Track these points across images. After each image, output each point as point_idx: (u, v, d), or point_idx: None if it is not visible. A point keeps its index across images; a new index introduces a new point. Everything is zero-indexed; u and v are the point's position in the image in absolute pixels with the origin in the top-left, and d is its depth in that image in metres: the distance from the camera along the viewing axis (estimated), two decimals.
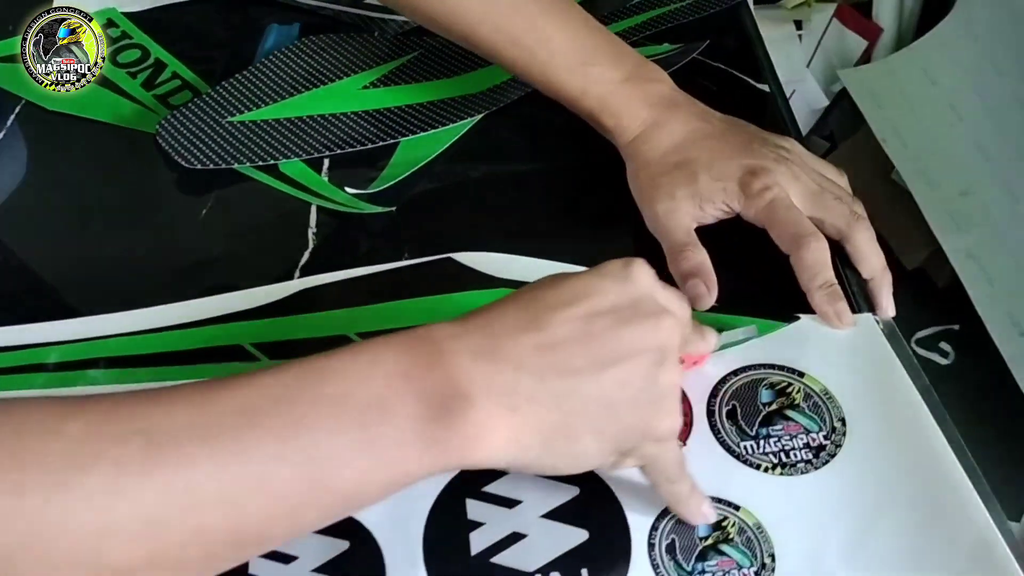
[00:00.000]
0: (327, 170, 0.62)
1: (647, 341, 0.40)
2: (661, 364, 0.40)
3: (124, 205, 0.62)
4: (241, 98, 0.66)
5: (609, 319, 0.40)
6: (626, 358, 0.39)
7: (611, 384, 0.39)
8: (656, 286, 0.42)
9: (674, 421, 0.41)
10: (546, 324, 0.39)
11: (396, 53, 0.70)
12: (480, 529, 0.43)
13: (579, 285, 0.41)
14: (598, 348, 0.39)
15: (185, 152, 0.62)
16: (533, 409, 0.38)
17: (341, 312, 0.53)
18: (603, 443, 0.40)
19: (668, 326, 0.41)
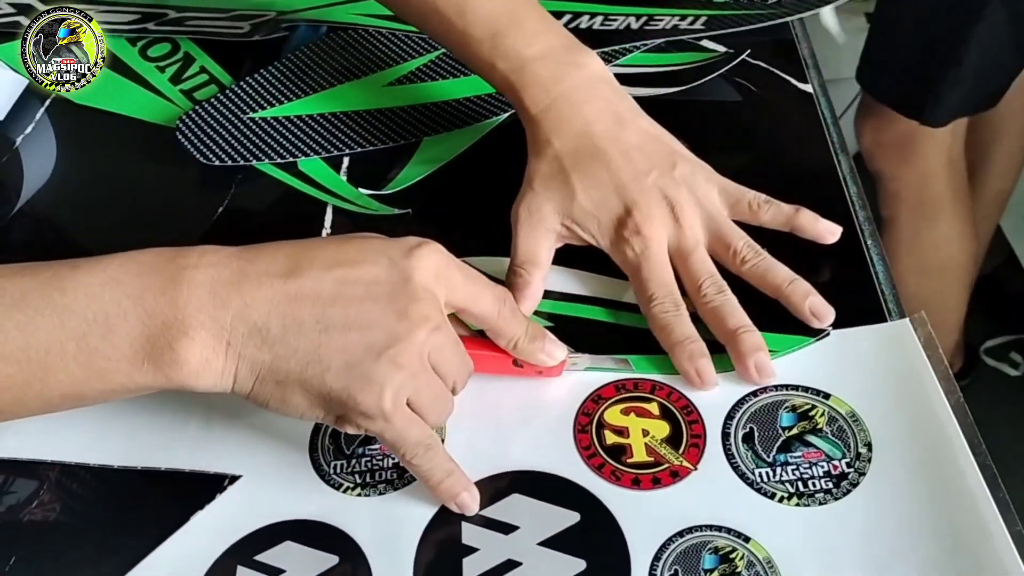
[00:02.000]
0: (346, 169, 0.61)
1: (385, 322, 0.41)
2: (390, 348, 0.40)
3: (146, 201, 0.62)
4: (264, 94, 0.65)
5: (362, 289, 0.41)
6: (356, 329, 0.40)
7: (330, 347, 0.40)
8: (432, 279, 0.42)
9: (381, 402, 0.40)
10: (301, 275, 0.41)
11: (421, 50, 0.68)
12: (475, 555, 0.41)
13: (355, 250, 0.42)
14: (335, 311, 0.41)
15: (204, 149, 0.61)
16: (248, 349, 0.40)
17: None
18: (311, 398, 0.41)
19: (416, 318, 0.41)
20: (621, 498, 0.43)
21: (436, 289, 0.42)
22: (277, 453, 0.46)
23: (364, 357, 0.40)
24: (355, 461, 0.45)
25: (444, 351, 0.43)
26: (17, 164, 0.65)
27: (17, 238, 0.61)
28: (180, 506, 0.44)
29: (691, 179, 0.51)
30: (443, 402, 0.43)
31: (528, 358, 0.46)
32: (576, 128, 0.51)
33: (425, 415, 0.43)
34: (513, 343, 0.46)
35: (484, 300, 0.45)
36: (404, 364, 0.41)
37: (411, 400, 0.42)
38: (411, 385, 0.41)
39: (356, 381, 0.40)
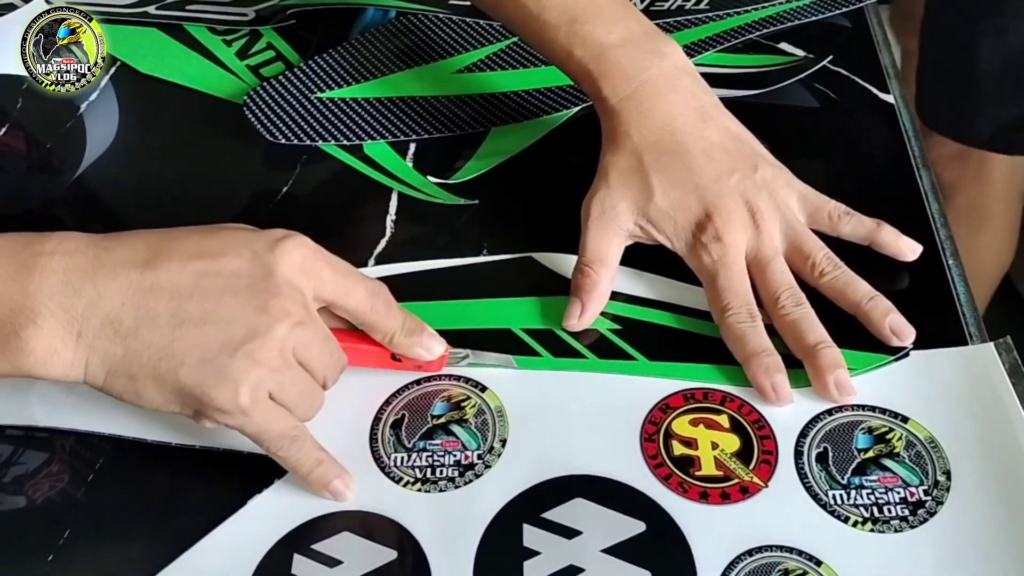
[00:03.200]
0: (412, 155, 0.60)
1: (243, 317, 0.40)
2: (247, 344, 0.39)
3: (207, 175, 0.61)
4: (332, 74, 0.64)
5: (221, 282, 0.40)
6: (212, 323, 0.40)
7: (185, 342, 0.39)
8: (297, 273, 0.41)
9: (236, 398, 0.39)
10: (159, 266, 0.40)
11: (493, 38, 0.67)
12: (536, 558, 0.40)
13: (218, 241, 0.41)
14: (191, 304, 0.40)
15: (271, 126, 0.60)
16: (100, 341, 0.39)
17: (413, 305, 0.50)
18: (165, 393, 0.40)
19: (276, 313, 0.40)
20: (688, 511, 0.41)
21: (302, 283, 0.42)
22: (337, 441, 0.45)
23: (220, 353, 0.39)
24: (415, 455, 0.44)
25: (311, 346, 0.42)
26: (80, 130, 0.65)
27: (76, 204, 0.61)
28: (238, 488, 0.44)
29: (772, 184, 0.49)
30: (310, 396, 0.43)
31: (405, 353, 0.46)
32: (657, 122, 0.49)
33: (291, 409, 0.42)
34: (389, 338, 0.45)
35: (355, 295, 0.44)
36: (262, 360, 0.40)
37: (274, 395, 0.41)
38: (272, 380, 0.41)
39: (210, 377, 0.39)
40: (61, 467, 0.45)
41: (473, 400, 0.46)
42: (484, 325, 0.50)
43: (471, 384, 0.47)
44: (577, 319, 0.48)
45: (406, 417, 0.46)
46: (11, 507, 0.44)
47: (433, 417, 0.46)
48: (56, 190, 0.61)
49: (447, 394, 0.47)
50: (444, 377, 0.47)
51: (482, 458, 0.44)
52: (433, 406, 0.46)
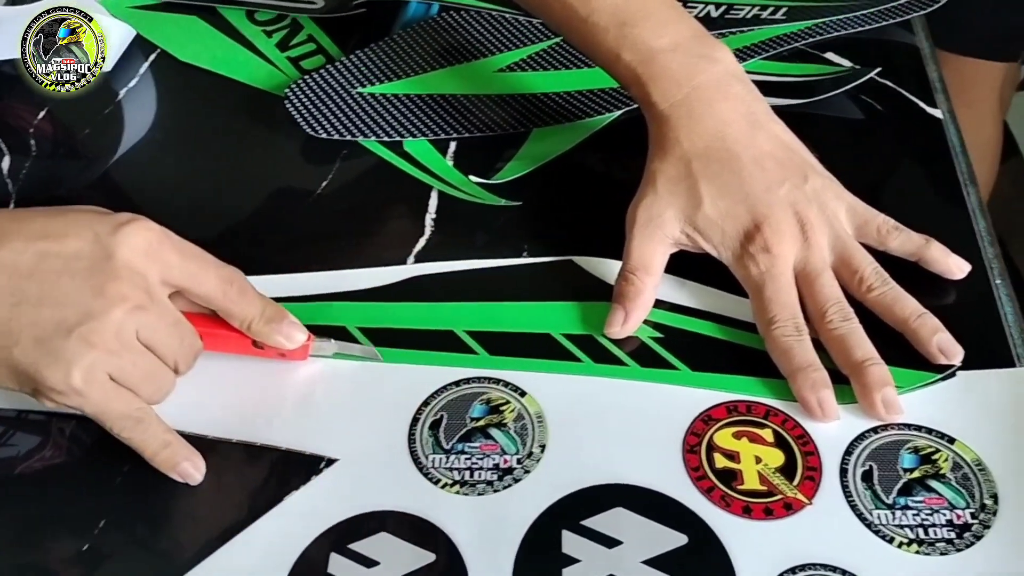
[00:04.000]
0: (452, 153, 0.59)
1: (79, 299, 0.40)
2: (81, 326, 0.40)
3: (246, 166, 0.61)
4: (374, 69, 0.64)
5: (60, 264, 0.41)
6: (48, 304, 0.40)
7: (21, 322, 0.40)
8: (140, 257, 0.42)
9: (68, 379, 0.40)
10: (2, 246, 0.41)
11: (536, 38, 0.66)
12: (576, 566, 0.40)
13: (62, 223, 0.42)
14: (30, 285, 0.40)
15: (312, 119, 0.60)
16: None
17: (451, 305, 0.50)
18: (11, 367, 0.41)
19: (113, 296, 0.40)
20: (731, 526, 0.41)
21: (145, 267, 0.42)
22: (375, 440, 0.45)
23: (54, 334, 0.40)
24: (454, 457, 0.44)
25: (156, 330, 0.42)
26: (119, 116, 0.65)
27: (111, 190, 0.60)
28: (275, 484, 0.43)
29: (822, 195, 0.49)
30: (157, 380, 0.43)
31: (265, 340, 0.46)
32: (708, 128, 0.49)
33: (136, 391, 0.42)
34: (247, 324, 0.45)
35: (206, 281, 0.44)
36: (96, 342, 0.40)
37: (115, 377, 0.41)
38: (109, 363, 0.41)
39: (44, 357, 0.40)
40: (98, 456, 0.45)
41: (512, 404, 0.46)
42: (523, 328, 0.49)
43: (510, 388, 0.46)
44: (620, 326, 0.48)
45: (444, 418, 0.45)
46: (48, 495, 0.44)
47: (472, 419, 0.45)
48: (91, 176, 0.61)
49: (486, 397, 0.46)
50: (484, 380, 0.47)
51: (521, 463, 0.44)
52: (472, 408, 0.46)
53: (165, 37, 0.68)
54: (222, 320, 0.46)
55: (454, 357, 0.48)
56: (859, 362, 0.44)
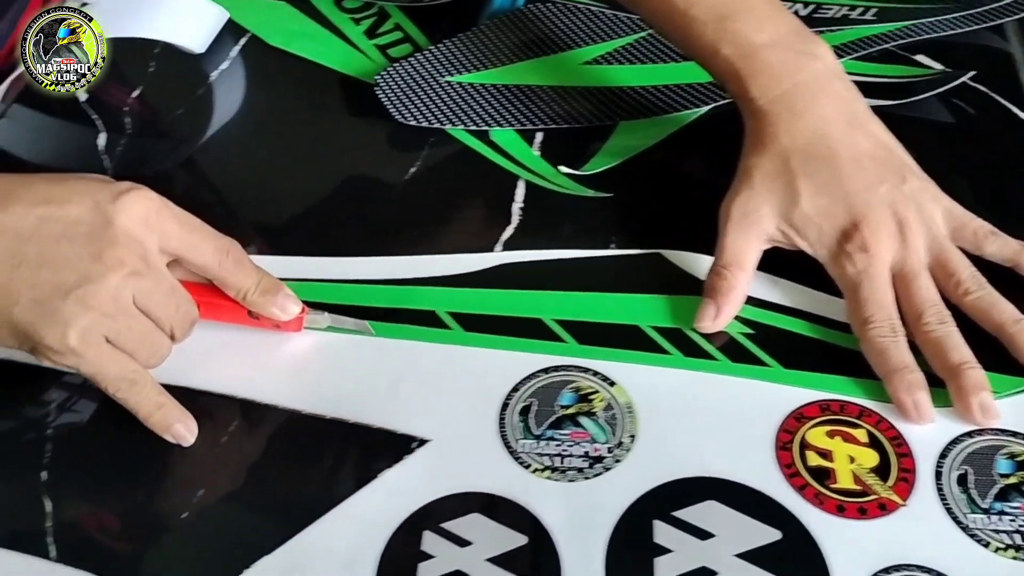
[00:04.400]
0: (539, 144, 0.60)
1: (77, 263, 0.41)
2: (79, 288, 0.41)
3: (332, 152, 0.62)
4: (461, 58, 0.64)
5: (61, 228, 0.42)
6: (48, 267, 0.41)
7: (21, 283, 0.41)
8: (139, 225, 0.43)
9: (65, 339, 0.41)
10: (5, 209, 0.42)
11: (623, 31, 0.66)
12: (668, 556, 0.40)
13: (64, 189, 0.43)
14: (30, 247, 0.41)
15: (401, 107, 0.61)
16: None
17: (540, 294, 0.51)
18: (10, 325, 0.42)
19: (110, 261, 0.42)
20: (825, 523, 0.41)
21: (144, 236, 0.43)
22: (465, 423, 0.45)
23: (52, 295, 0.41)
24: (544, 443, 0.44)
25: (152, 296, 0.44)
26: (209, 99, 0.66)
27: (199, 171, 0.62)
28: (367, 462, 0.44)
29: (919, 196, 0.48)
30: (153, 344, 0.44)
31: (260, 311, 0.47)
32: (808, 125, 0.49)
33: (132, 354, 0.44)
34: (242, 295, 0.47)
35: (203, 250, 0.45)
36: (93, 305, 0.42)
37: (112, 340, 0.43)
38: (105, 325, 0.42)
39: (41, 318, 0.41)
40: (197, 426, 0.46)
41: (602, 394, 0.46)
42: (611, 319, 0.49)
43: (599, 377, 0.47)
44: (711, 321, 0.48)
45: (534, 405, 0.46)
46: (149, 463, 0.45)
47: (561, 407, 0.46)
48: (181, 156, 0.63)
49: (575, 385, 0.46)
50: (573, 368, 0.47)
51: (611, 452, 0.44)
52: (561, 396, 0.46)
53: (255, 21, 0.69)
54: (219, 290, 0.47)
55: (543, 344, 0.48)
56: (956, 365, 0.44)
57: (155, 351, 0.45)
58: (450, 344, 0.49)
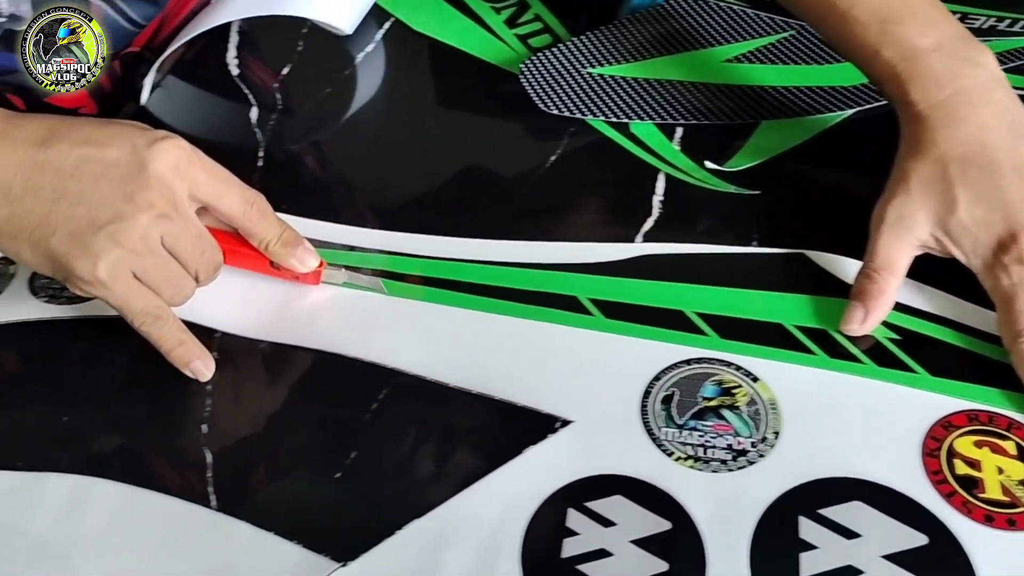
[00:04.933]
0: (679, 138, 0.60)
1: (111, 202, 0.44)
2: (110, 225, 0.44)
3: (472, 136, 0.63)
4: (603, 50, 0.65)
5: (100, 169, 0.45)
6: (84, 203, 0.44)
7: (59, 215, 0.44)
8: (170, 172, 0.45)
9: (95, 270, 0.44)
10: (52, 146, 0.45)
11: (766, 30, 0.66)
12: (813, 552, 0.40)
13: (106, 133, 0.46)
14: (71, 184, 0.44)
15: (543, 95, 0.62)
16: None
17: (682, 286, 0.51)
18: (38, 257, 0.45)
19: (141, 203, 0.45)
20: (972, 532, 0.40)
21: (174, 182, 0.46)
22: (608, 407, 0.46)
23: (86, 229, 0.44)
24: (686, 433, 0.45)
25: (179, 238, 0.46)
26: (352, 81, 0.68)
27: (341, 151, 0.63)
28: (512, 438, 0.45)
29: None
30: (177, 283, 0.47)
31: (280, 262, 0.50)
32: (968, 133, 0.48)
33: (158, 291, 0.47)
34: (264, 244, 0.49)
35: (229, 199, 0.48)
36: (123, 241, 0.45)
37: (139, 276, 0.46)
38: (133, 261, 0.45)
39: (75, 249, 0.44)
40: (350, 391, 0.47)
41: (745, 389, 0.46)
42: (754, 316, 0.50)
43: (742, 372, 0.47)
44: (858, 324, 0.48)
45: (676, 394, 0.46)
46: (305, 424, 0.47)
47: (704, 399, 0.46)
48: (325, 133, 0.65)
49: (718, 378, 0.47)
50: (715, 361, 0.48)
51: (755, 446, 0.44)
52: (704, 388, 0.47)
53: (399, 6, 0.71)
54: (244, 240, 0.50)
55: (684, 336, 0.49)
56: None
57: (179, 290, 0.48)
58: (591, 330, 0.50)
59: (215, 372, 0.48)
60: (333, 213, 0.57)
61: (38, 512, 0.43)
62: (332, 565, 0.41)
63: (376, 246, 0.54)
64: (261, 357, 0.50)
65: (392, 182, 0.61)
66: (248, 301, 0.52)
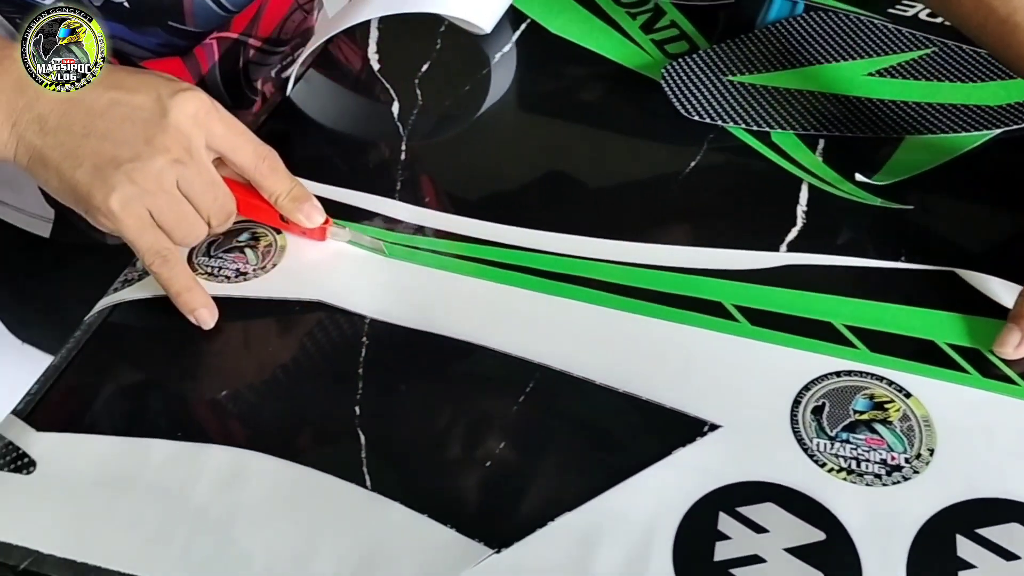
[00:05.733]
0: (821, 150, 0.60)
1: (133, 142, 0.48)
2: (129, 163, 0.48)
3: (609, 139, 0.63)
4: (743, 59, 0.65)
5: (126, 111, 0.49)
6: (109, 141, 0.48)
7: (86, 150, 0.48)
8: (188, 121, 0.49)
9: (108, 201, 0.48)
10: (88, 88, 0.49)
11: (908, 46, 0.66)
12: (972, 571, 0.40)
13: (137, 81, 0.50)
14: (100, 122, 0.48)
15: (684, 101, 0.62)
16: (27, 134, 0.49)
17: (829, 298, 0.51)
18: (64, 187, 0.49)
19: (158, 146, 0.48)
20: None
21: (192, 130, 0.49)
22: (756, 414, 0.46)
23: (108, 164, 0.48)
24: (838, 445, 0.45)
25: (193, 183, 0.50)
26: (486, 82, 0.69)
27: (471, 150, 0.64)
28: (661, 438, 0.45)
29: None
30: (188, 225, 0.50)
31: (287, 215, 0.53)
32: None
33: (169, 232, 0.50)
34: (274, 198, 0.53)
35: (243, 152, 0.51)
36: (138, 180, 0.48)
37: (154, 215, 0.49)
38: (147, 200, 0.48)
39: (96, 181, 0.48)
40: (497, 383, 0.48)
41: (897, 404, 0.46)
42: (905, 331, 0.49)
43: (895, 387, 0.47)
44: (1013, 348, 0.47)
45: (827, 406, 0.46)
46: (454, 410, 0.48)
47: (855, 412, 0.46)
48: (457, 130, 0.66)
49: (869, 392, 0.47)
50: (865, 375, 0.47)
51: (909, 462, 0.44)
52: (855, 401, 0.46)
53: (535, 8, 0.72)
54: (258, 193, 0.53)
55: (832, 348, 0.49)
56: None
57: (190, 231, 0.51)
58: (737, 336, 0.50)
59: (364, 357, 0.50)
60: (479, 209, 0.57)
61: (200, 481, 0.45)
62: (485, 551, 0.42)
63: (515, 243, 0.55)
64: (408, 345, 0.51)
65: (528, 180, 0.61)
66: (396, 291, 0.53)
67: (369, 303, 0.52)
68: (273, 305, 0.52)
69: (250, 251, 0.54)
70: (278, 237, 0.55)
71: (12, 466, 0.46)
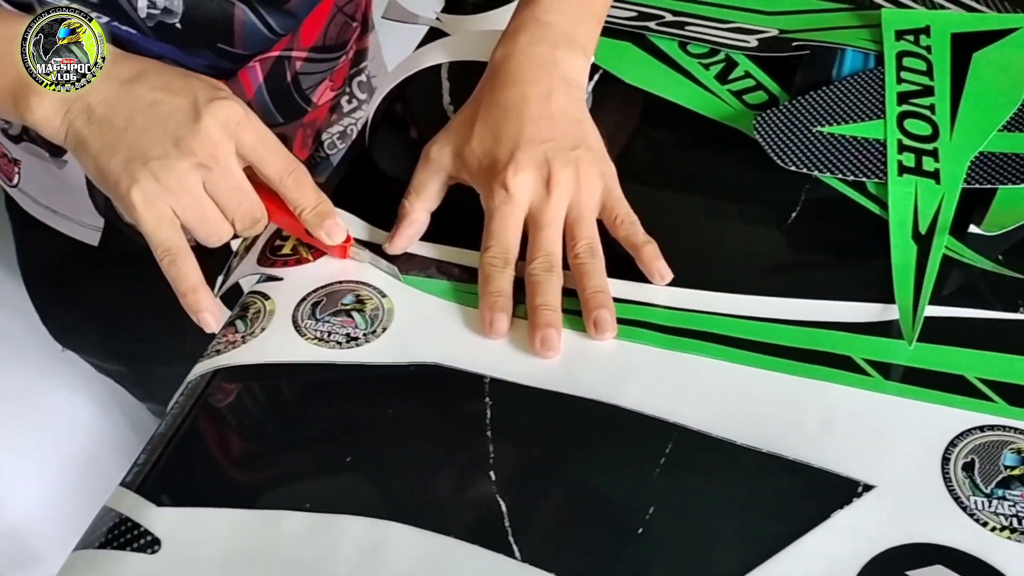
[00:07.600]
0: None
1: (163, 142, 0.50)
2: (156, 161, 0.50)
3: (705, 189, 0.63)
4: (829, 110, 0.65)
5: (164, 112, 0.51)
6: (145, 137, 0.50)
7: (123, 143, 0.50)
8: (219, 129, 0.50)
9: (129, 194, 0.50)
10: (136, 85, 0.52)
11: None
12: None
13: (179, 83, 0.52)
14: (139, 118, 0.51)
15: (779, 151, 0.62)
16: (76, 122, 0.51)
17: (958, 351, 0.50)
18: (100, 174, 0.51)
19: (185, 149, 0.50)
20: None
21: (221, 137, 0.51)
22: (907, 472, 0.45)
23: (138, 159, 0.50)
24: (996, 502, 0.44)
25: (218, 187, 0.51)
26: None
27: None
28: (815, 501, 0.44)
29: None
30: (212, 225, 0.52)
31: (310, 229, 0.54)
32: None
33: (194, 230, 0.52)
34: (299, 211, 0.54)
35: (270, 164, 0.53)
36: (161, 178, 0.50)
37: (177, 214, 0.51)
38: (170, 199, 0.50)
39: (125, 172, 0.50)
40: (633, 444, 0.47)
41: None
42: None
43: None
44: None
45: (976, 462, 0.45)
46: (594, 473, 0.46)
47: (1006, 467, 0.45)
48: None
49: (1016, 447, 0.46)
50: (1008, 429, 0.47)
51: None
52: (1004, 456, 0.46)
53: (606, 58, 0.72)
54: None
55: (971, 402, 0.48)
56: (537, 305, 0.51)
57: (214, 231, 0.52)
58: (872, 391, 0.49)
59: (490, 418, 0.48)
60: None
61: (340, 554, 0.43)
62: None
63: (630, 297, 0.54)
64: (532, 404, 0.49)
65: None
66: (513, 348, 0.51)
67: (487, 362, 0.51)
68: (388, 369, 0.50)
69: (357, 315, 0.53)
70: (383, 300, 0.54)
71: (134, 545, 0.43)
